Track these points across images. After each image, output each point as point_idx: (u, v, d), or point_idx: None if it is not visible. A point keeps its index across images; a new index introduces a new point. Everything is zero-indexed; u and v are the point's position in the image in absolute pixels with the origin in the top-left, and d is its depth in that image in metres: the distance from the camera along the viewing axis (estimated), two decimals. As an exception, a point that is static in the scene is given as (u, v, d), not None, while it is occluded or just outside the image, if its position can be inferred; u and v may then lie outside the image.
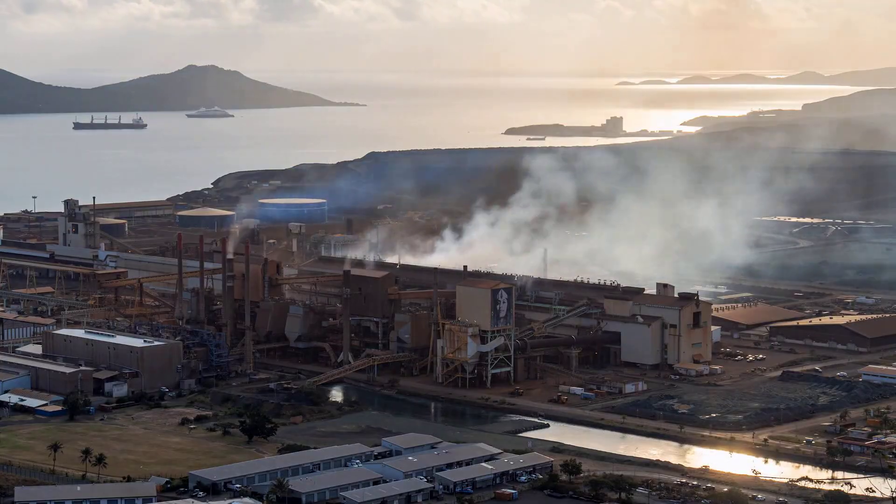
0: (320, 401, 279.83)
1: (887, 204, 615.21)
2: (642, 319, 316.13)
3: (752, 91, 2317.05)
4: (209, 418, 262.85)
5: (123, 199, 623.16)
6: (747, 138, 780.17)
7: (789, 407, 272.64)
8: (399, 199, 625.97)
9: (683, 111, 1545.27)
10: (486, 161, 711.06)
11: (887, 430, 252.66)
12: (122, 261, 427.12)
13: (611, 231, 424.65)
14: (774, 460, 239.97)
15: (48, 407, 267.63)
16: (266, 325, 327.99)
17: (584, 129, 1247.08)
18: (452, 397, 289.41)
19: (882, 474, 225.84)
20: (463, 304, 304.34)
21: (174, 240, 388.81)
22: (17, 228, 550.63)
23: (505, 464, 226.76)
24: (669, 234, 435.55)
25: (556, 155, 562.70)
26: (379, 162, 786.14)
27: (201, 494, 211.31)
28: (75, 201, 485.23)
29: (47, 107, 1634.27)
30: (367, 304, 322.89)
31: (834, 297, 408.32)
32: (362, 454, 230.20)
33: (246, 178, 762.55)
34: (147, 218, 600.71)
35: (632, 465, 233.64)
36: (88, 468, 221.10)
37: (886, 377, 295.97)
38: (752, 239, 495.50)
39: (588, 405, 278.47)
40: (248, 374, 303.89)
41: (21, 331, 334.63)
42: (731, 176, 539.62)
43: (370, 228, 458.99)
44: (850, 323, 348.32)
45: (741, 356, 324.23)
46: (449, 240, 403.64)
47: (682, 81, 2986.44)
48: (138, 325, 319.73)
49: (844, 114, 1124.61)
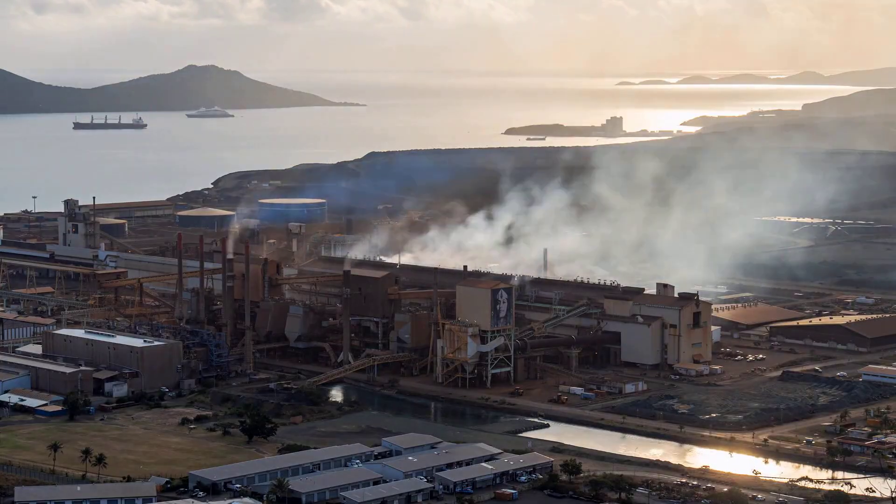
0: (320, 401, 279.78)
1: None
2: (642, 319, 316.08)
3: (752, 91, 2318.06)
4: (209, 418, 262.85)
5: (123, 199, 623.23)
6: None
7: (789, 407, 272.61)
8: (399, 199, 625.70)
9: (683, 111, 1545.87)
10: (487, 161, 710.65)
11: (887, 430, 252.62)
12: (122, 261, 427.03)
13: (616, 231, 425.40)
14: (774, 460, 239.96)
15: (48, 407, 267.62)
16: (266, 325, 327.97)
17: (584, 129, 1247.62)
18: (452, 397, 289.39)
19: (882, 474, 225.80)
20: (463, 304, 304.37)
21: (174, 240, 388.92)
22: (17, 228, 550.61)
23: (505, 464, 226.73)
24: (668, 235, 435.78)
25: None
26: (379, 162, 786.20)
27: (201, 494, 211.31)
28: (75, 201, 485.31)
29: (47, 107, 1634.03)
30: (367, 304, 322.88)
31: (834, 297, 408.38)
32: (362, 454, 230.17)
33: (246, 178, 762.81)
34: (147, 218, 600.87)
35: (632, 465, 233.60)
36: (88, 468, 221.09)
37: (886, 377, 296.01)
38: (753, 239, 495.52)
39: (588, 405, 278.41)
40: (248, 374, 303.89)
41: (21, 331, 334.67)
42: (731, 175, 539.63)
43: (370, 228, 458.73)
44: (850, 323, 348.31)
45: (741, 356, 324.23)
46: (448, 240, 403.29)
47: (681, 81, 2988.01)
48: (138, 325, 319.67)
49: (845, 114, 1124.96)
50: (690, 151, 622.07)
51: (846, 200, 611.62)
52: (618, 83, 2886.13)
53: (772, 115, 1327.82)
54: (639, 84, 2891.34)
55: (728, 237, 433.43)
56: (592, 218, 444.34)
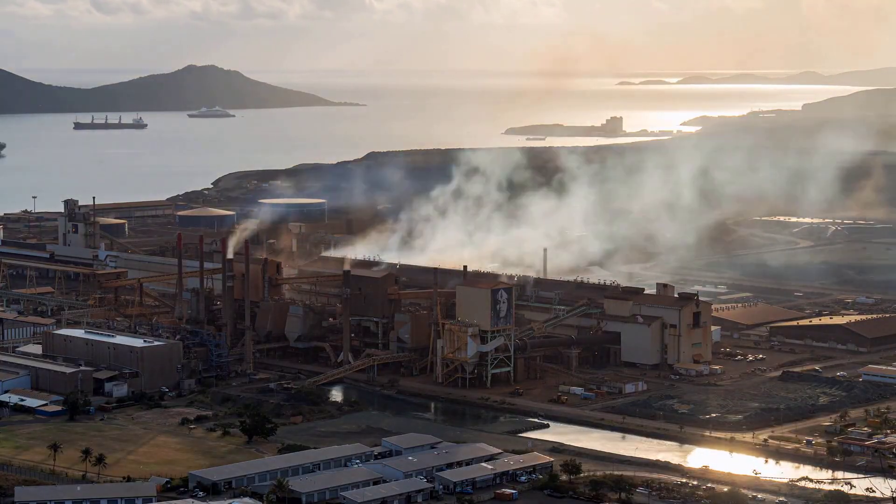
0: (320, 401, 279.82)
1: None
2: (642, 319, 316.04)
3: (752, 91, 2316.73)
4: (209, 418, 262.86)
5: (123, 199, 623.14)
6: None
7: (789, 407, 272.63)
8: (399, 199, 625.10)
9: (683, 111, 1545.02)
10: (487, 161, 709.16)
11: (887, 430, 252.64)
12: (122, 261, 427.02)
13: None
14: (774, 460, 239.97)
15: (48, 407, 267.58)
16: (266, 325, 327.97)
17: (584, 129, 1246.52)
18: (452, 397, 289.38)
19: (882, 474, 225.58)
20: (463, 304, 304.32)
21: (174, 240, 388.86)
22: (17, 228, 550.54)
23: (505, 464, 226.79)
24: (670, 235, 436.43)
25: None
26: (379, 162, 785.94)
27: (201, 494, 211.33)
28: (75, 201, 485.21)
29: (47, 107, 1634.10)
30: (367, 304, 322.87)
31: (834, 297, 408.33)
32: (362, 454, 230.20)
33: (246, 178, 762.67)
34: (147, 218, 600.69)
35: (632, 465, 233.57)
36: (88, 468, 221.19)
37: (886, 377, 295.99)
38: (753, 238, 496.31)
39: (588, 405, 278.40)
40: (248, 374, 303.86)
41: (21, 331, 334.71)
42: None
43: (370, 229, 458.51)
44: (850, 323, 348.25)
45: (741, 356, 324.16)
46: (449, 239, 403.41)
47: (681, 81, 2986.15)
48: (138, 325, 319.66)
49: (845, 114, 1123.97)
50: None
51: (846, 200, 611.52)
52: (618, 83, 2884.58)
53: (772, 115, 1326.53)
54: (639, 84, 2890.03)
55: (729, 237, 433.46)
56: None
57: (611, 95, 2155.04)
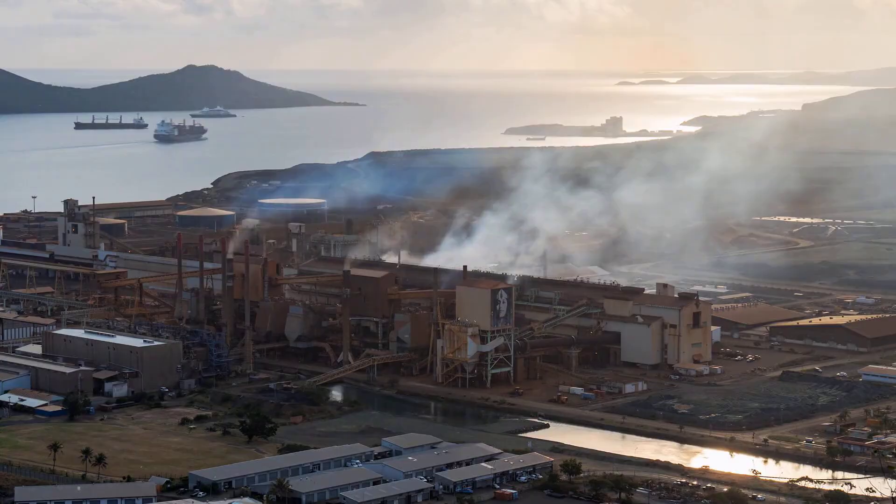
0: (320, 401, 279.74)
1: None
2: (642, 319, 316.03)
3: (752, 91, 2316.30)
4: (209, 418, 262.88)
5: (123, 199, 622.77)
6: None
7: (789, 407, 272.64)
8: (399, 199, 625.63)
9: (683, 111, 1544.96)
10: (486, 161, 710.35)
11: (887, 430, 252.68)
12: (122, 261, 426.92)
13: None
14: (774, 460, 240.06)
15: (48, 407, 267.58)
16: (266, 325, 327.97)
17: (584, 129, 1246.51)
18: (452, 397, 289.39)
19: (882, 474, 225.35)
20: (463, 304, 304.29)
21: (174, 240, 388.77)
22: (17, 228, 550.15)
23: (505, 464, 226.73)
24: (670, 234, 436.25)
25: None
26: (379, 162, 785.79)
27: (201, 494, 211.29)
28: (75, 201, 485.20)
29: (48, 107, 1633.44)
30: (367, 304, 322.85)
31: (834, 297, 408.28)
32: (362, 454, 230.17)
33: (246, 178, 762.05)
34: (147, 218, 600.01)
35: (632, 465, 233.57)
36: (88, 468, 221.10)
37: (886, 377, 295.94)
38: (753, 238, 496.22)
39: (588, 405, 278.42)
40: (248, 374, 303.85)
41: (21, 331, 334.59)
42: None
43: (370, 228, 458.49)
44: (850, 323, 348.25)
45: (741, 356, 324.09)
46: (448, 239, 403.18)
47: (681, 81, 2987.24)
48: (138, 325, 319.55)
49: (845, 114, 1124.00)
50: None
51: (846, 200, 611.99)
52: (618, 83, 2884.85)
53: (772, 115, 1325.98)
54: (639, 84, 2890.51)
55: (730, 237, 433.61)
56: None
57: (610, 96, 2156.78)
